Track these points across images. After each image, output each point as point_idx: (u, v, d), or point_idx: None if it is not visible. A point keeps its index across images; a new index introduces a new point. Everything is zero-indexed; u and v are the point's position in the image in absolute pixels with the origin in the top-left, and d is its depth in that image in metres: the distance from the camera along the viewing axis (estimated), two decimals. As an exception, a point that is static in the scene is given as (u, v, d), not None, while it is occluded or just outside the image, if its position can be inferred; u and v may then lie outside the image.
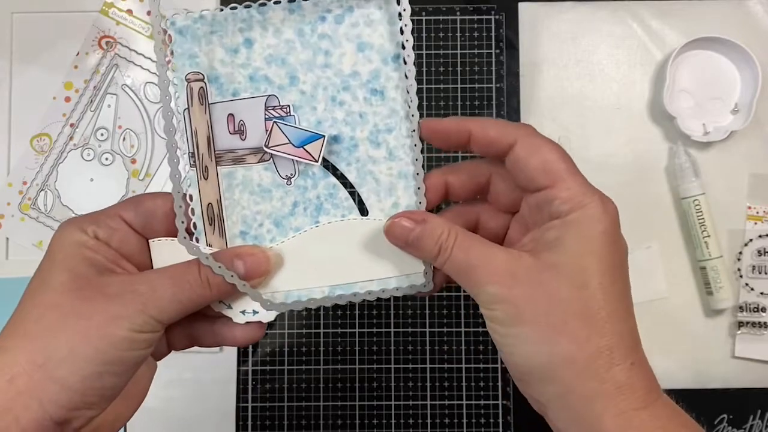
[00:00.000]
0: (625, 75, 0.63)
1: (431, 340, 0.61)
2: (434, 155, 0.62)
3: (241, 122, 0.35)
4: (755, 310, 0.60)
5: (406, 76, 0.35)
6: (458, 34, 0.63)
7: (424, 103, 0.63)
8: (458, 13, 0.63)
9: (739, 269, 0.61)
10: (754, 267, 0.61)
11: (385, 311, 0.61)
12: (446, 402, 0.61)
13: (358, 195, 0.36)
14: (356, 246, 0.35)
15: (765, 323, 0.60)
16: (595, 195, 0.32)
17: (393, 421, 0.60)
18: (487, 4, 0.64)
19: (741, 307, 0.60)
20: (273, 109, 0.35)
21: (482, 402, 0.61)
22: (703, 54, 0.62)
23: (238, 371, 0.61)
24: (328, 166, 0.35)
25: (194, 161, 0.35)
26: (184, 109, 0.35)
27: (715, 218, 0.60)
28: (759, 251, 0.61)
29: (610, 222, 0.32)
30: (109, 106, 0.62)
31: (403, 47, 0.34)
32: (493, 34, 0.63)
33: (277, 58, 0.35)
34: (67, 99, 0.62)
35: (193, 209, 0.35)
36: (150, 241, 0.34)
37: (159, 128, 0.62)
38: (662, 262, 0.61)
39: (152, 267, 0.35)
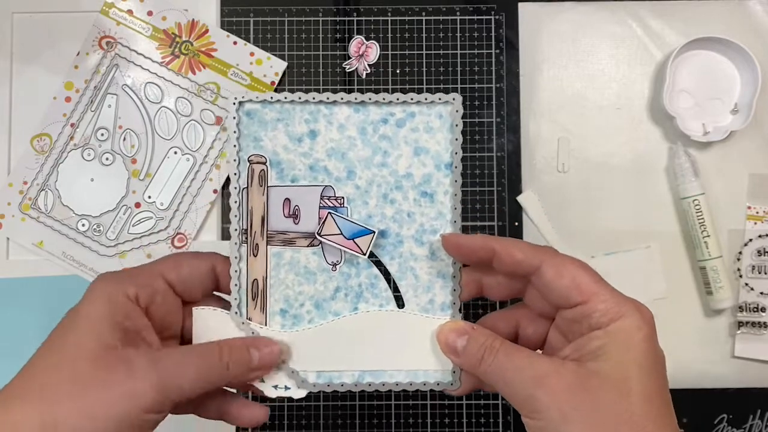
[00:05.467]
0: (625, 75, 0.63)
1: (431, 340, 0.61)
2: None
3: (296, 207, 0.37)
4: (755, 309, 0.60)
5: (456, 181, 0.37)
6: (458, 34, 0.63)
7: (424, 103, 0.63)
8: (458, 13, 0.64)
9: (738, 269, 0.61)
10: (753, 267, 0.61)
11: (385, 311, 0.61)
12: (446, 402, 0.61)
13: (397, 288, 0.38)
14: (390, 336, 0.37)
15: (765, 323, 0.60)
16: (629, 303, 0.33)
17: (393, 421, 0.61)
18: (487, 4, 0.64)
19: (741, 307, 0.61)
20: (328, 199, 0.38)
21: (482, 402, 0.61)
22: (703, 54, 0.62)
23: (239, 371, 0.61)
24: (372, 257, 0.37)
25: (245, 238, 0.37)
26: (243, 188, 0.37)
27: (714, 218, 0.60)
28: (759, 251, 0.61)
29: (649, 329, 0.33)
30: (109, 106, 0.62)
31: (455, 154, 0.37)
32: (493, 34, 0.64)
33: (338, 152, 0.38)
34: (68, 99, 0.62)
35: (238, 284, 0.37)
36: (194, 309, 0.36)
37: (159, 128, 0.62)
38: (662, 262, 0.62)
39: (190, 332, 0.36)
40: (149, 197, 0.62)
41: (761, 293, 0.61)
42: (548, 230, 0.62)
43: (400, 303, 0.38)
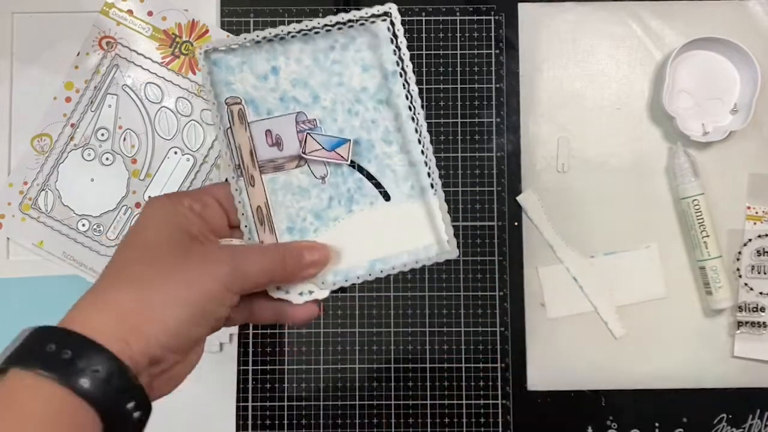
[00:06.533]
0: (624, 75, 0.63)
1: (431, 339, 0.61)
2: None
3: (278, 136, 0.41)
4: (754, 309, 0.60)
5: (404, 85, 0.42)
6: (458, 35, 0.63)
7: (425, 104, 0.63)
8: (458, 14, 0.64)
9: (738, 269, 0.61)
10: (753, 267, 0.61)
11: (385, 311, 0.61)
12: (446, 402, 0.61)
13: (381, 184, 0.42)
14: (386, 226, 0.42)
15: (764, 323, 0.60)
16: None
17: (393, 421, 0.61)
18: (486, 5, 0.64)
19: (740, 307, 0.61)
20: (303, 123, 0.42)
21: (482, 402, 0.61)
22: (703, 54, 0.63)
23: (238, 371, 0.61)
24: (353, 165, 0.42)
25: (241, 172, 0.41)
26: (227, 129, 0.41)
27: (714, 218, 0.60)
28: (758, 251, 0.61)
29: None
30: (109, 106, 0.62)
31: (398, 64, 0.42)
32: (492, 34, 0.64)
33: (301, 81, 0.42)
34: (68, 99, 0.62)
35: (244, 213, 0.40)
36: (220, 240, 0.39)
37: (159, 128, 0.62)
38: (661, 262, 0.62)
39: None
40: (149, 197, 0.62)
41: (761, 293, 0.61)
42: (548, 230, 0.62)
43: (386, 197, 0.42)
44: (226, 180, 0.40)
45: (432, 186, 0.42)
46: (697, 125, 0.62)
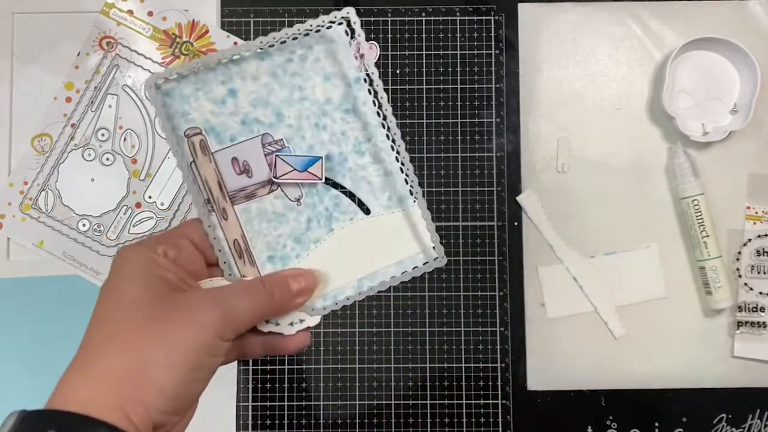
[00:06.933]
0: (624, 75, 0.63)
1: (431, 339, 0.61)
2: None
3: (245, 162, 0.39)
4: (754, 309, 0.60)
5: (369, 92, 0.40)
6: (458, 35, 0.63)
7: (424, 104, 0.63)
8: (458, 14, 0.64)
9: (738, 269, 0.61)
10: (753, 267, 0.61)
11: (385, 311, 0.61)
12: (446, 402, 0.61)
13: (358, 198, 0.40)
14: (369, 241, 0.40)
15: (764, 323, 0.60)
16: None
17: (393, 420, 0.61)
18: (486, 5, 0.64)
19: (740, 307, 0.61)
20: (269, 145, 0.39)
21: (482, 402, 0.61)
22: (703, 54, 0.63)
23: (238, 371, 0.61)
24: (327, 181, 0.40)
25: (212, 206, 0.39)
26: (190, 162, 0.38)
27: (714, 218, 0.60)
28: (758, 251, 0.61)
29: None
30: (109, 106, 0.62)
31: (359, 69, 0.40)
32: (492, 34, 0.64)
33: (261, 101, 0.39)
34: (68, 99, 0.62)
35: (221, 249, 0.38)
36: (201, 282, 0.37)
37: (159, 129, 0.62)
38: (661, 262, 0.62)
39: None
40: (150, 197, 0.62)
41: (760, 293, 0.61)
42: (548, 230, 0.62)
43: (365, 209, 0.40)
44: (197, 216, 0.38)
45: (411, 193, 0.40)
46: (697, 125, 0.62)
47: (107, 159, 0.62)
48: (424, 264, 0.40)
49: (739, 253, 0.61)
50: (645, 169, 0.62)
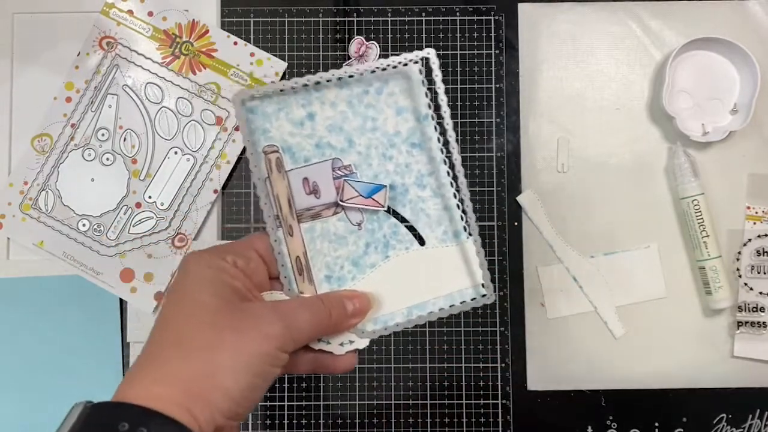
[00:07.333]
0: (624, 75, 0.63)
1: (431, 339, 0.61)
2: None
3: (315, 183, 0.41)
4: (754, 309, 0.61)
5: (435, 128, 0.42)
6: (458, 35, 0.64)
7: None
8: (458, 14, 0.64)
9: (738, 269, 0.61)
10: (753, 267, 0.61)
11: (385, 311, 0.61)
12: (446, 402, 0.61)
13: (416, 229, 0.42)
14: (421, 271, 0.42)
15: (764, 323, 0.60)
16: None
17: (393, 421, 0.61)
18: (486, 5, 0.64)
19: (740, 307, 0.61)
20: (339, 169, 0.41)
21: (482, 402, 0.61)
22: (702, 54, 0.63)
23: (239, 371, 0.61)
24: (388, 210, 0.42)
25: (279, 222, 0.40)
26: (265, 178, 0.40)
27: (714, 218, 0.60)
28: (758, 251, 0.61)
29: None
30: (109, 106, 0.62)
31: (429, 107, 0.41)
32: (492, 34, 0.64)
33: (336, 127, 0.42)
34: (68, 99, 0.62)
35: (284, 264, 0.40)
36: (262, 294, 0.39)
37: (159, 129, 0.62)
38: (661, 262, 0.62)
39: None
40: (150, 197, 0.62)
41: (760, 293, 0.61)
42: (548, 230, 0.62)
43: (421, 241, 0.42)
44: (263, 230, 0.40)
45: (466, 229, 0.42)
46: (697, 125, 0.62)
47: (107, 159, 0.62)
48: (472, 300, 0.41)
49: (739, 253, 0.61)
50: (645, 169, 0.62)
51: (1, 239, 0.62)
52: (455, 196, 0.42)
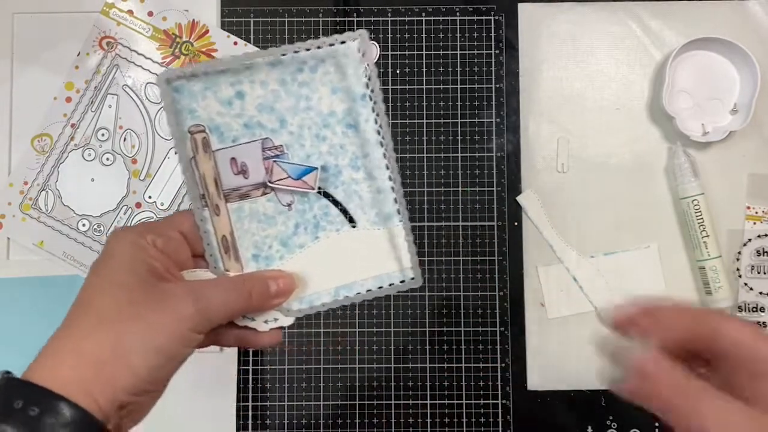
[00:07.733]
0: (624, 75, 0.63)
1: (431, 339, 0.61)
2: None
3: (243, 164, 0.40)
4: (754, 309, 0.61)
5: (373, 110, 0.41)
6: (458, 35, 0.64)
7: (424, 104, 0.63)
8: (458, 14, 0.64)
9: (738, 269, 0.61)
10: (753, 267, 0.61)
11: (385, 311, 0.62)
12: (446, 402, 0.61)
13: (347, 211, 0.42)
14: (351, 253, 0.41)
15: (764, 323, 0.60)
16: None
17: (393, 420, 0.61)
18: (486, 5, 0.64)
19: (740, 307, 0.61)
20: (269, 150, 0.41)
21: (482, 402, 0.61)
22: (702, 54, 0.63)
23: (239, 371, 0.61)
24: (319, 190, 0.41)
25: (206, 201, 0.40)
26: (191, 158, 0.40)
27: (714, 218, 0.60)
28: (758, 251, 0.61)
29: None
30: (109, 106, 0.62)
31: (367, 86, 0.41)
32: (492, 34, 0.64)
33: (267, 106, 0.41)
34: (68, 99, 0.62)
35: (209, 243, 0.40)
36: (183, 273, 0.39)
37: (160, 129, 0.62)
38: (661, 262, 0.62)
39: None
40: (150, 197, 0.62)
41: (760, 293, 0.61)
42: (548, 230, 0.62)
43: (353, 223, 0.42)
44: (190, 207, 0.40)
45: (398, 212, 0.41)
46: (697, 125, 0.62)
47: (107, 159, 0.62)
48: (400, 282, 0.41)
49: (739, 253, 0.61)
50: (645, 169, 0.62)
51: (1, 239, 0.62)
52: (390, 179, 0.41)
